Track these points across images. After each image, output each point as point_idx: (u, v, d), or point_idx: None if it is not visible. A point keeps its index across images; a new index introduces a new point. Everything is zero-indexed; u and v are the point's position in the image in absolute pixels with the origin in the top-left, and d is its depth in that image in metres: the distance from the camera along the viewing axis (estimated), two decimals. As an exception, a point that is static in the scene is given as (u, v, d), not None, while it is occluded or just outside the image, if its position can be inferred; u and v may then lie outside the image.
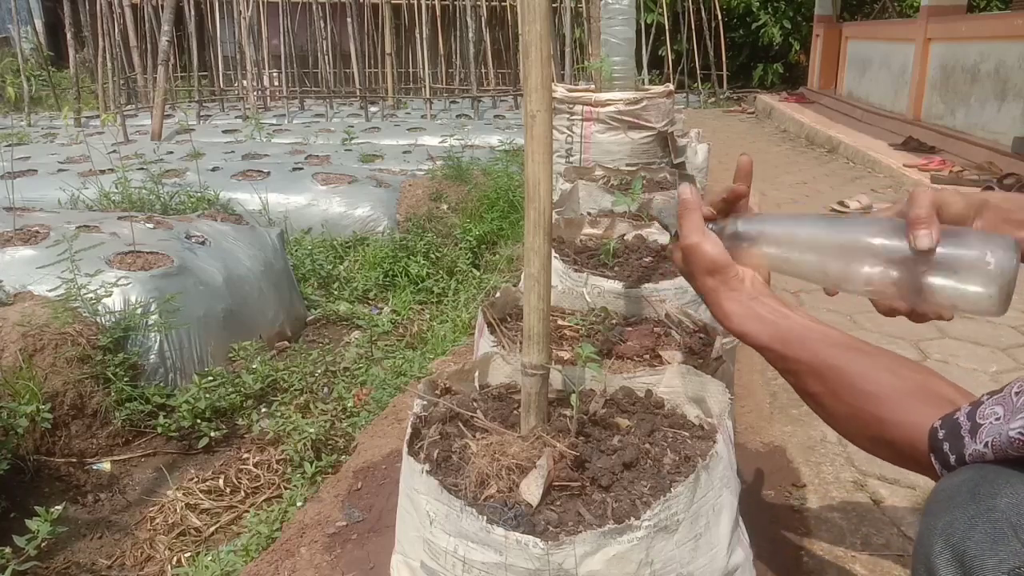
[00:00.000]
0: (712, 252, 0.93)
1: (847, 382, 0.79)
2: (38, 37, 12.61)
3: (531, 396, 0.98)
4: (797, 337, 0.85)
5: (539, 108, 0.91)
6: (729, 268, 0.92)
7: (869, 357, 0.80)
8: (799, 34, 13.61)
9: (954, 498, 0.61)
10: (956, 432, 0.66)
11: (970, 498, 0.59)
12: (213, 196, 4.29)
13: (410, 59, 12.08)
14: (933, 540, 0.59)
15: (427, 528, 0.87)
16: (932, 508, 0.63)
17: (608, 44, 3.12)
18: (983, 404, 0.66)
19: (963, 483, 0.62)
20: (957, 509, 0.59)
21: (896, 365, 0.79)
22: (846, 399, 0.79)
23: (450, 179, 4.70)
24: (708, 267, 0.93)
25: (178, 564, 1.94)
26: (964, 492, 0.60)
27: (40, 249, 2.77)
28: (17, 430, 2.12)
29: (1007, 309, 0.83)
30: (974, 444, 0.63)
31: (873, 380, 0.77)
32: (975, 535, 0.56)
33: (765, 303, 0.90)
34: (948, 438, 0.67)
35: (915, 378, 0.77)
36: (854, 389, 0.78)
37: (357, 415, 2.37)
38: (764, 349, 0.88)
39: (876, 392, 0.76)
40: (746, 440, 2.02)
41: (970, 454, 0.64)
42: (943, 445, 0.67)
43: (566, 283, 1.56)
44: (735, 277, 0.92)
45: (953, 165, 5.75)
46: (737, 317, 0.90)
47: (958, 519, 0.58)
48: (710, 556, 0.87)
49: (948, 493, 0.62)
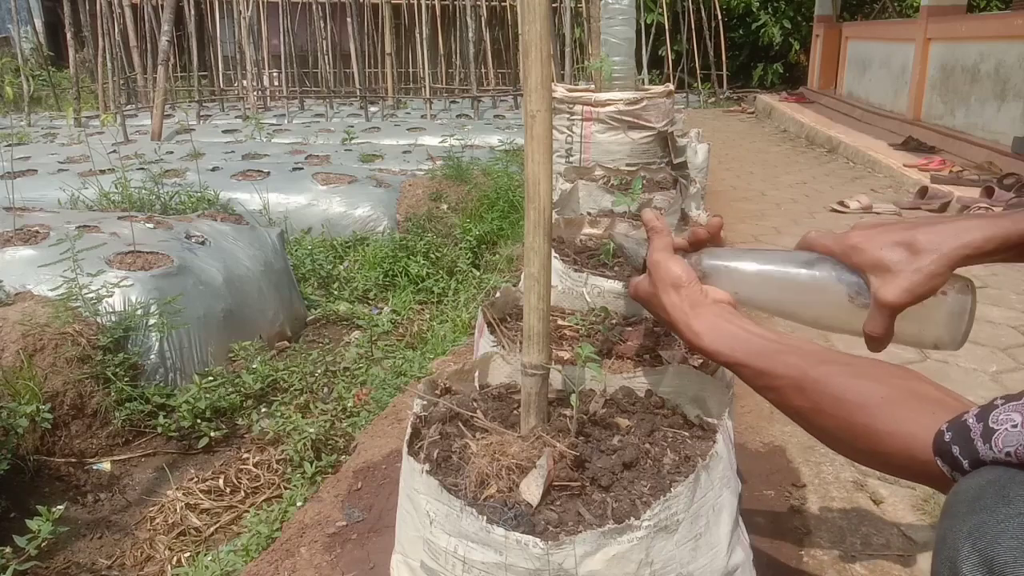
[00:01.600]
0: (677, 268, 0.93)
1: (832, 394, 0.76)
2: (38, 37, 12.62)
3: (531, 396, 0.98)
4: (773, 352, 0.83)
5: (539, 108, 0.91)
6: (695, 283, 0.92)
7: (851, 367, 0.78)
8: (799, 34, 13.62)
9: (980, 499, 0.58)
10: (966, 435, 0.64)
11: (999, 501, 0.56)
12: (213, 196, 4.29)
13: (410, 59, 12.08)
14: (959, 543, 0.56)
15: (427, 528, 0.87)
16: (956, 509, 0.60)
17: (608, 44, 3.12)
18: (997, 408, 0.63)
19: (990, 484, 0.59)
20: (985, 512, 0.56)
21: (879, 372, 0.77)
22: (832, 411, 0.76)
23: (450, 179, 4.70)
24: (674, 281, 0.93)
25: (178, 564, 1.94)
26: (991, 494, 0.57)
27: (40, 249, 2.77)
28: (17, 430, 2.13)
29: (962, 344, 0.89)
30: (991, 451, 0.61)
31: (858, 390, 0.75)
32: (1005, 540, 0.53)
33: (734, 320, 0.89)
34: (957, 441, 0.65)
35: (900, 384, 0.75)
36: (840, 401, 0.76)
37: (357, 415, 2.37)
38: (739, 366, 0.86)
39: (864, 403, 0.74)
40: (746, 440, 2.02)
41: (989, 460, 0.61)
42: (951, 448, 0.65)
43: (566, 283, 1.56)
44: (700, 292, 0.92)
45: (953, 165, 5.75)
46: (707, 335, 0.88)
47: (987, 522, 0.55)
48: (710, 556, 0.87)
49: (973, 494, 0.59)
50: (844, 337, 0.95)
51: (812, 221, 4.74)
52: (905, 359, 2.56)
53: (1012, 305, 3.03)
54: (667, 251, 0.95)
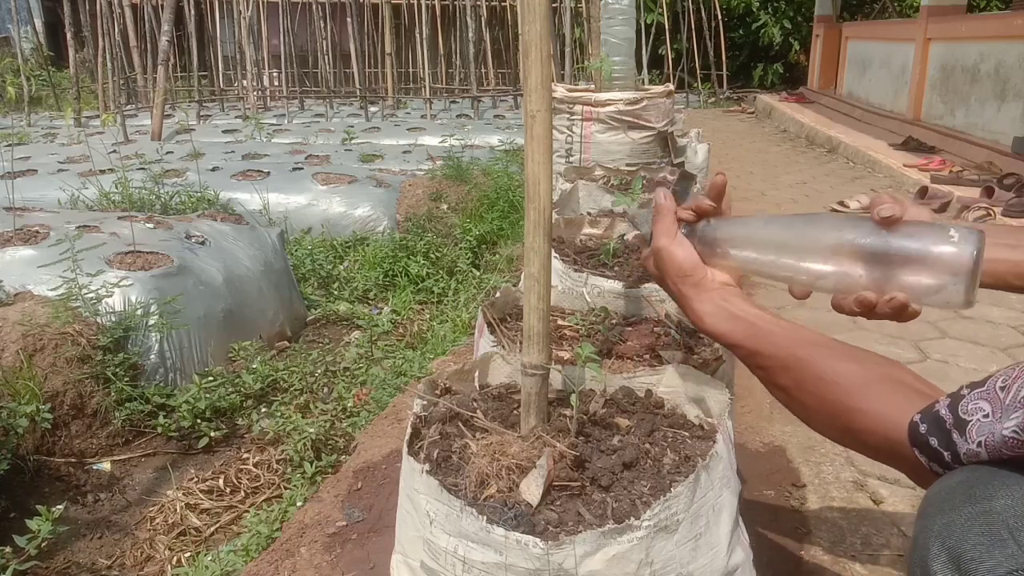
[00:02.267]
0: (681, 255, 0.96)
1: (813, 373, 0.80)
2: (38, 37, 12.61)
3: (531, 396, 0.98)
4: (766, 333, 0.87)
5: (539, 108, 0.91)
6: (698, 270, 0.95)
7: (834, 350, 0.82)
8: (799, 34, 13.62)
9: (950, 499, 0.60)
10: (940, 426, 0.66)
11: (966, 500, 0.58)
12: (213, 196, 4.29)
13: (410, 59, 12.08)
14: (929, 542, 0.58)
15: (427, 528, 0.87)
16: (927, 510, 0.62)
17: (608, 44, 3.12)
18: (964, 397, 0.65)
19: (959, 484, 0.61)
20: (953, 511, 0.58)
21: (861, 356, 0.80)
22: (812, 389, 0.80)
23: (450, 179, 4.70)
24: (678, 270, 0.96)
25: (178, 564, 1.94)
26: (960, 494, 0.60)
27: (40, 249, 2.77)
28: (17, 430, 2.13)
29: (974, 302, 0.81)
30: (966, 443, 0.63)
31: (837, 370, 0.79)
32: (972, 537, 0.55)
33: (734, 303, 0.92)
34: (933, 432, 0.67)
35: (879, 369, 0.78)
36: (820, 380, 0.79)
37: (357, 415, 2.37)
38: (736, 347, 0.90)
39: (841, 382, 0.77)
40: (746, 440, 2.02)
41: (964, 453, 0.63)
42: (929, 440, 0.67)
43: (566, 283, 1.55)
44: (705, 279, 0.95)
45: (953, 165, 5.74)
46: (709, 317, 0.92)
47: (955, 521, 0.57)
48: (710, 556, 0.87)
49: (944, 495, 0.62)
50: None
51: (812, 221, 4.72)
52: (906, 359, 2.56)
53: (1012, 305, 3.02)
54: (670, 236, 0.97)
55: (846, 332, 2.59)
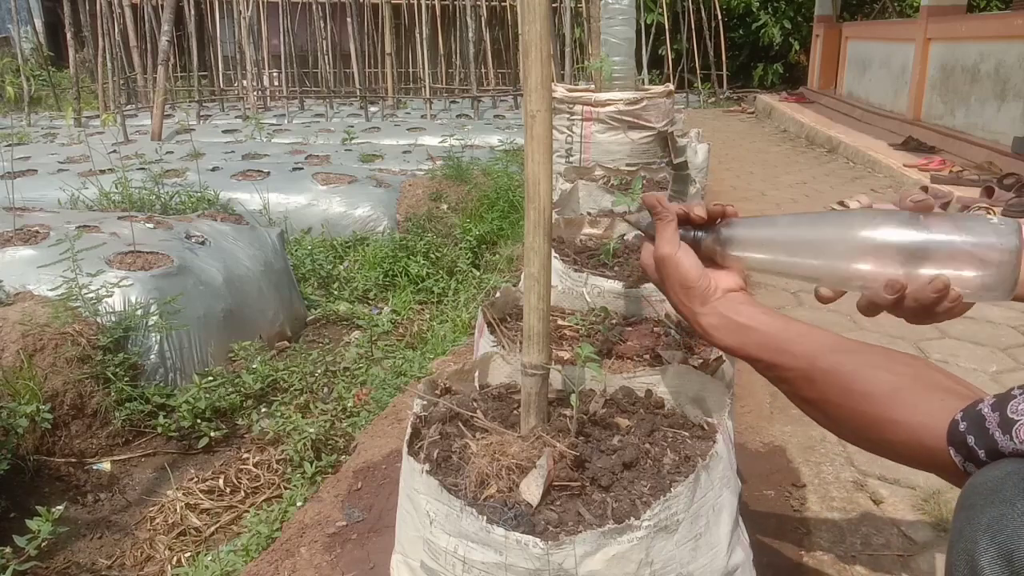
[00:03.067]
0: (684, 264, 0.89)
1: (839, 384, 0.76)
2: (38, 37, 12.62)
3: (531, 396, 0.98)
4: (783, 342, 0.82)
5: (539, 108, 0.91)
6: (701, 280, 0.89)
7: (859, 356, 0.77)
8: (799, 34, 13.62)
9: (999, 492, 0.57)
10: (981, 425, 0.63)
11: (1019, 493, 0.55)
12: (213, 196, 4.29)
13: (410, 59, 12.08)
14: (977, 536, 0.55)
15: (427, 528, 0.87)
16: (974, 500, 0.59)
17: (608, 44, 3.12)
18: (1015, 398, 0.62)
19: (1009, 476, 0.58)
20: (1005, 504, 0.55)
21: (887, 361, 0.76)
22: (840, 402, 0.76)
23: (450, 179, 4.70)
24: (680, 281, 0.90)
25: (178, 564, 1.94)
26: (1011, 486, 0.56)
27: (40, 249, 2.77)
28: (17, 430, 2.12)
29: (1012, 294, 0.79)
30: (1012, 443, 0.60)
31: (867, 379, 0.74)
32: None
33: (743, 311, 0.87)
34: (972, 431, 0.64)
35: (908, 372, 0.74)
36: (848, 392, 0.75)
37: (357, 415, 2.37)
38: (752, 360, 0.85)
39: (872, 392, 0.73)
40: (746, 440, 2.03)
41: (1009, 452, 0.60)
42: (966, 438, 0.64)
43: (566, 283, 1.56)
44: (709, 288, 0.89)
45: (953, 165, 5.74)
46: (717, 332, 0.88)
47: (1007, 515, 0.54)
48: (710, 556, 0.87)
49: (992, 486, 0.58)
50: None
51: (812, 221, 4.72)
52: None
53: (1012, 305, 3.02)
54: (673, 244, 0.91)
55: (845, 332, 2.58)
